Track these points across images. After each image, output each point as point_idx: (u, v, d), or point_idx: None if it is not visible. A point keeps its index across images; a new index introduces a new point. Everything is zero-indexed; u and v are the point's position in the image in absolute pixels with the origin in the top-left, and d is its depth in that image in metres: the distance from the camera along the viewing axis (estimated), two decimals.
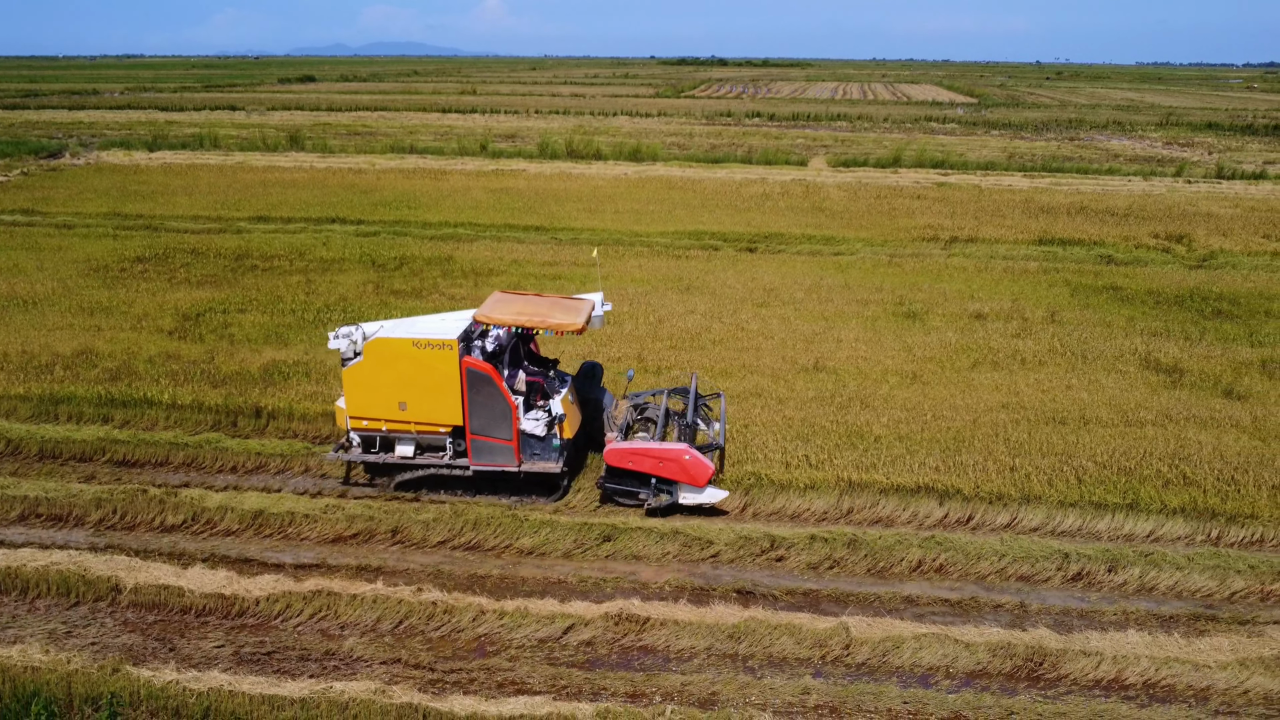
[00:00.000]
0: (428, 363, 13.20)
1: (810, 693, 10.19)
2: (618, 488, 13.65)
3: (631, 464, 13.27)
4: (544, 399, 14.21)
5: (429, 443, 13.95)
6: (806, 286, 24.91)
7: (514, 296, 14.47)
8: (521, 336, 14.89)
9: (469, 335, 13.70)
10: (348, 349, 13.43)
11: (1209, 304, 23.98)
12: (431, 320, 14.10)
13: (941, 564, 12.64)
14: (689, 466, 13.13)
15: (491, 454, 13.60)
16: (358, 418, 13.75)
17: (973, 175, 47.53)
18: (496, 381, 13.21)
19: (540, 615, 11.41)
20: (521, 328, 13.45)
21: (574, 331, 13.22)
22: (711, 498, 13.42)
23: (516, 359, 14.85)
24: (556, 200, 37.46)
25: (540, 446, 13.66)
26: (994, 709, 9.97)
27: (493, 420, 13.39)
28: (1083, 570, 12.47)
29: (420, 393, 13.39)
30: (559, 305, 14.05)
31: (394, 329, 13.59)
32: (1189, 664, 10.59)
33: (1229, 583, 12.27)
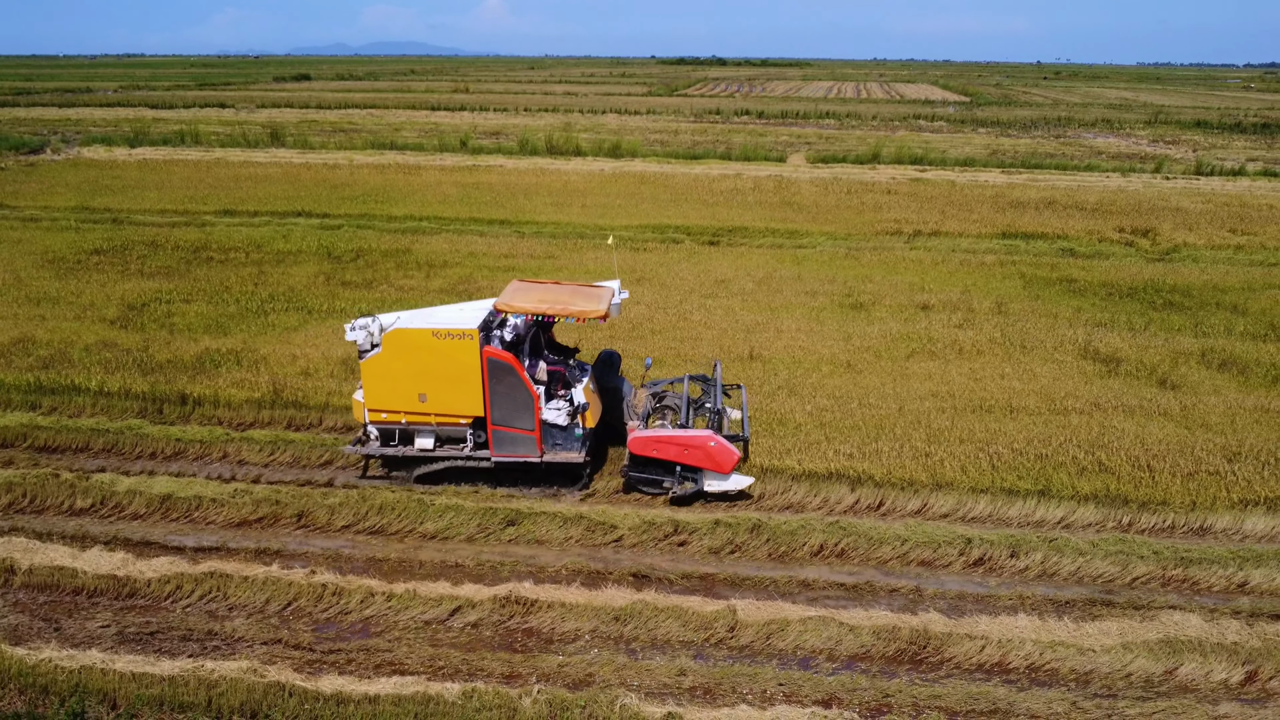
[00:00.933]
0: (448, 353, 12.94)
1: (686, 674, 10.12)
2: (642, 476, 13.47)
3: (656, 452, 13.09)
4: (565, 388, 14.02)
5: (449, 434, 13.70)
6: (759, 278, 24.83)
7: (533, 285, 14.22)
8: (541, 325, 14.68)
9: (488, 325, 13.46)
10: (365, 341, 13.15)
11: (1161, 296, 23.88)
12: (449, 310, 13.88)
13: (843, 549, 12.55)
14: (714, 453, 12.98)
15: (513, 445, 13.39)
16: (376, 410, 13.48)
17: (950, 171, 47.43)
18: (518, 371, 12.98)
19: (429, 598, 11.34)
20: (543, 316, 13.12)
21: (598, 319, 13.00)
22: (737, 484, 13.27)
23: (536, 348, 14.63)
24: (526, 195, 37.42)
25: (563, 436, 13.43)
26: (869, 691, 9.89)
27: (515, 411, 13.16)
28: (985, 555, 12.38)
29: (440, 384, 13.15)
30: (580, 293, 13.84)
31: (411, 320, 13.34)
32: (1074, 648, 10.50)
33: (1131, 568, 12.17)
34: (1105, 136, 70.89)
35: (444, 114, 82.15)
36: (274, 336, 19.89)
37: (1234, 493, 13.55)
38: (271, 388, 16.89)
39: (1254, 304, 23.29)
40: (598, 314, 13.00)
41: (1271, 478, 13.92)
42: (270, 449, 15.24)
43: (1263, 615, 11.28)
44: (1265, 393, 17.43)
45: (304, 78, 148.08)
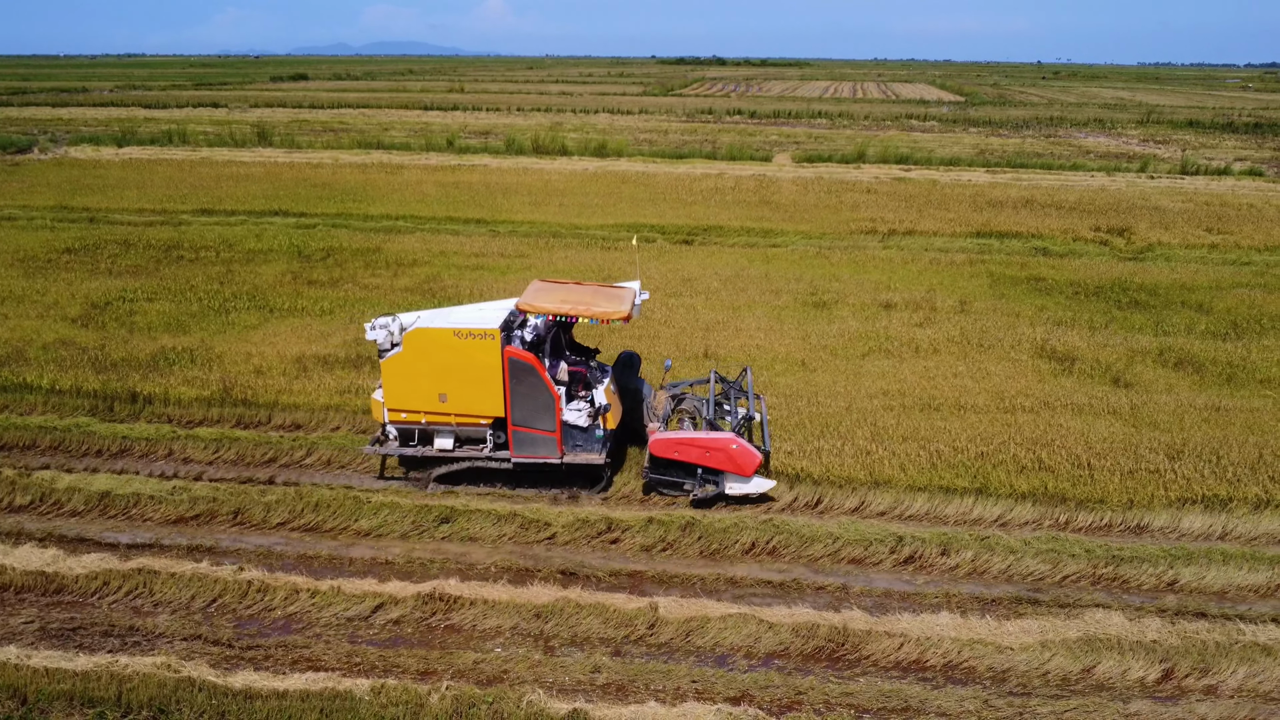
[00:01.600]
0: (469, 353, 12.83)
1: (601, 671, 10.11)
2: (662, 478, 13.37)
3: (677, 454, 12.98)
4: (586, 389, 13.91)
5: (468, 435, 13.59)
6: (726, 277, 24.82)
7: (554, 285, 14.09)
8: (563, 326, 14.58)
9: (509, 325, 13.37)
10: (385, 340, 13.05)
11: (1127, 294, 23.85)
12: (469, 310, 13.82)
13: (774, 546, 12.54)
14: (736, 456, 12.86)
15: (533, 446, 13.27)
16: (396, 410, 13.37)
17: (934, 171, 47.40)
18: (540, 372, 12.87)
19: (353, 594, 11.33)
20: (566, 316, 12.98)
21: (620, 320, 12.86)
22: (758, 487, 13.15)
23: (557, 349, 14.53)
24: (504, 194, 37.42)
25: (583, 438, 13.31)
26: (782, 688, 9.88)
27: (535, 411, 13.05)
28: (916, 553, 12.36)
29: (461, 383, 13.04)
30: (602, 293, 13.73)
31: (432, 319, 13.26)
32: (993, 646, 10.47)
33: (1062, 566, 12.15)
34: (1096, 136, 70.81)
35: (436, 114, 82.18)
36: (233, 335, 19.90)
37: (1172, 491, 13.52)
38: (222, 386, 16.90)
39: (1220, 303, 23.25)
40: (620, 315, 12.86)
41: (1211, 476, 13.89)
42: (215, 446, 15.24)
43: (1187, 613, 11.26)
44: (1218, 391, 17.40)
45: (301, 77, 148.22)
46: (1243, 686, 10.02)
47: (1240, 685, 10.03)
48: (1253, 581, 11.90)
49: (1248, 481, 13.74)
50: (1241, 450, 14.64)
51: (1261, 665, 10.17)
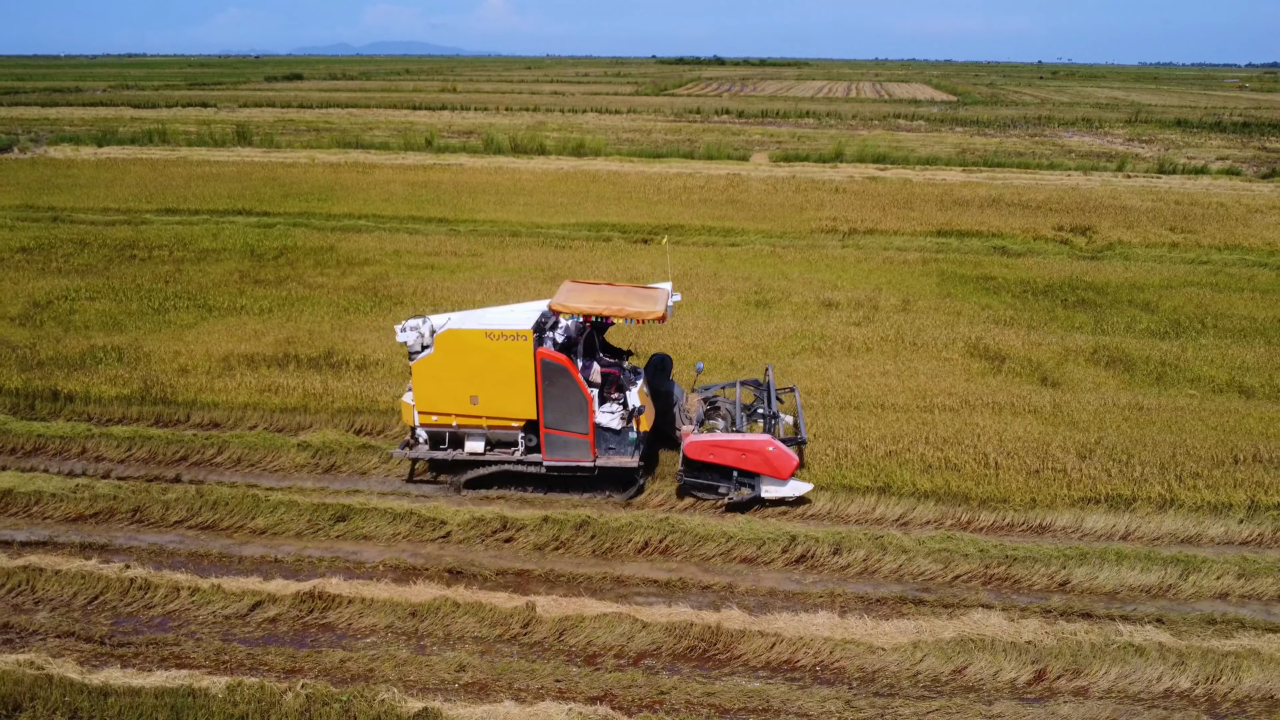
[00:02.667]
0: (501, 354, 12.63)
1: (466, 670, 10.05)
2: (696, 481, 13.17)
3: (713, 456, 12.78)
4: (619, 391, 13.70)
5: (499, 438, 13.37)
6: (674, 276, 24.72)
7: (587, 286, 13.95)
8: (597, 327, 14.38)
9: (542, 326, 13.17)
10: (415, 342, 12.90)
11: (1075, 293, 23.74)
12: (500, 311, 13.58)
13: (667, 546, 12.46)
14: (772, 458, 12.66)
15: (565, 449, 13.06)
16: (427, 413, 13.19)
17: (910, 170, 47.30)
18: (572, 373, 12.66)
19: (233, 593, 11.28)
20: (599, 317, 12.77)
21: (655, 320, 12.65)
22: (795, 490, 12.98)
23: (590, 350, 14.30)
24: (471, 193, 37.38)
25: (616, 441, 13.10)
26: (645, 688, 9.81)
27: (568, 414, 12.83)
28: (808, 552, 12.28)
29: (493, 386, 12.83)
30: (635, 294, 13.55)
31: (463, 320, 13.09)
32: (865, 646, 10.39)
33: (953, 566, 12.06)
34: (1081, 135, 70.64)
35: (424, 113, 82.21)
36: (167, 334, 19.86)
37: (1076, 491, 13.44)
38: (142, 384, 16.84)
39: (1167, 302, 23.15)
40: (655, 315, 12.64)
41: (1118, 476, 13.80)
42: (128, 445, 15.20)
43: (1072, 614, 11.18)
44: (1145, 391, 17.30)
45: (296, 77, 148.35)
46: (1113, 688, 9.93)
47: (1111, 686, 9.95)
48: (1145, 582, 11.81)
49: (1154, 481, 13.65)
50: (1154, 450, 14.55)
51: (1133, 666, 10.08)
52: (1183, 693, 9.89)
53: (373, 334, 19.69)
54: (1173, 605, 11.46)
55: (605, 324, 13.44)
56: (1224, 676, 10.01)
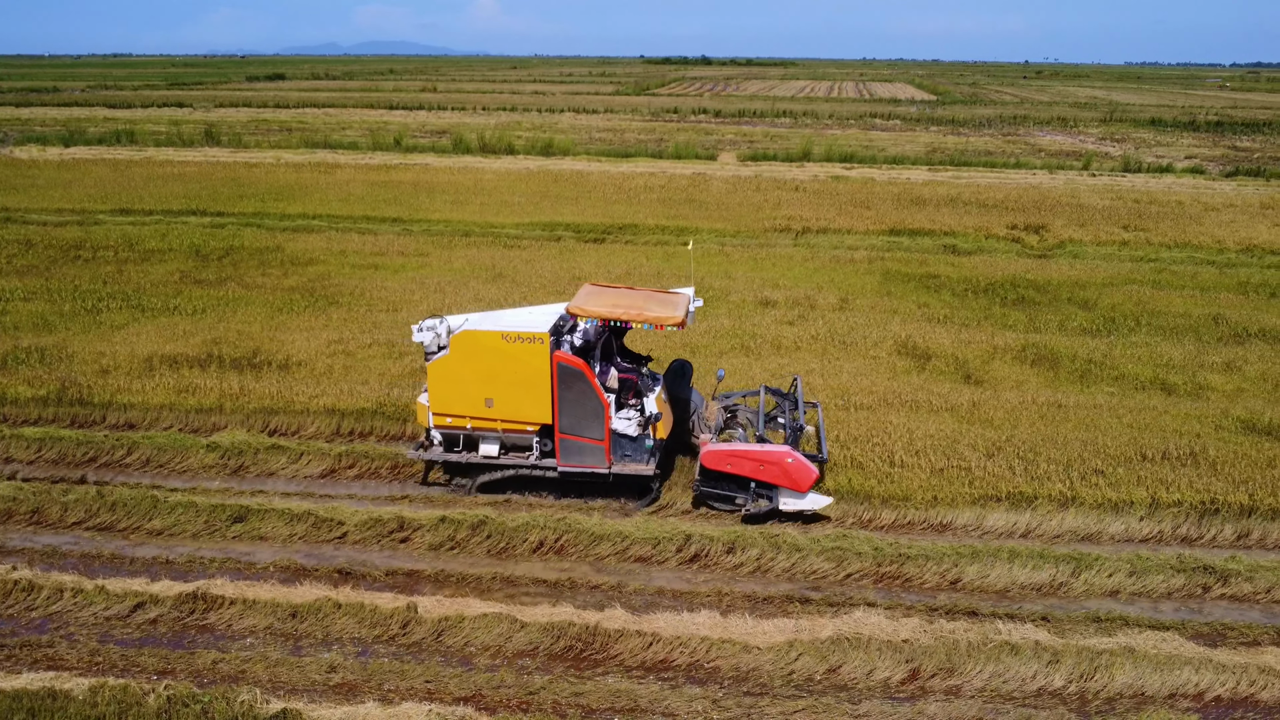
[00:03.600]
0: (518, 357, 12.47)
1: (337, 671, 9.99)
2: (713, 491, 12.90)
3: (730, 466, 12.53)
4: (636, 397, 13.44)
5: (514, 442, 13.19)
6: (616, 275, 24.69)
7: (606, 289, 13.74)
8: (615, 331, 14.14)
9: (559, 329, 12.97)
10: (432, 342, 12.76)
11: (1016, 291, 23.77)
12: (518, 313, 13.42)
13: (563, 545, 12.42)
14: (791, 470, 12.37)
15: (580, 455, 12.87)
16: (441, 414, 13.05)
17: (875, 169, 47.35)
18: (589, 378, 12.46)
19: (115, 594, 11.19)
20: (618, 321, 12.62)
21: (674, 326, 12.41)
22: (814, 504, 12.67)
23: (608, 354, 14.06)
24: (430, 193, 37.29)
25: (632, 447, 12.90)
26: (514, 688, 9.77)
27: (584, 419, 12.65)
28: (702, 551, 12.24)
29: (508, 388, 12.67)
30: (654, 298, 13.32)
31: (480, 322, 12.93)
32: (742, 645, 10.35)
33: (846, 565, 12.04)
34: (1054, 134, 70.82)
35: (401, 113, 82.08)
36: (95, 335, 19.75)
37: (978, 489, 13.43)
38: (59, 385, 16.73)
39: (1106, 299, 23.19)
40: (675, 320, 12.42)
41: (1022, 474, 13.81)
42: (39, 446, 15.09)
43: (958, 612, 11.16)
44: (1067, 388, 17.32)
45: (279, 77, 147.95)
46: (986, 687, 9.92)
47: (984, 685, 9.93)
48: (1036, 580, 11.81)
49: (1057, 479, 13.65)
50: (1063, 448, 14.55)
51: (1007, 665, 10.07)
52: (1055, 691, 9.88)
53: (302, 334, 19.62)
54: (1061, 603, 11.46)
55: (624, 328, 13.26)
56: (1098, 674, 10.00)
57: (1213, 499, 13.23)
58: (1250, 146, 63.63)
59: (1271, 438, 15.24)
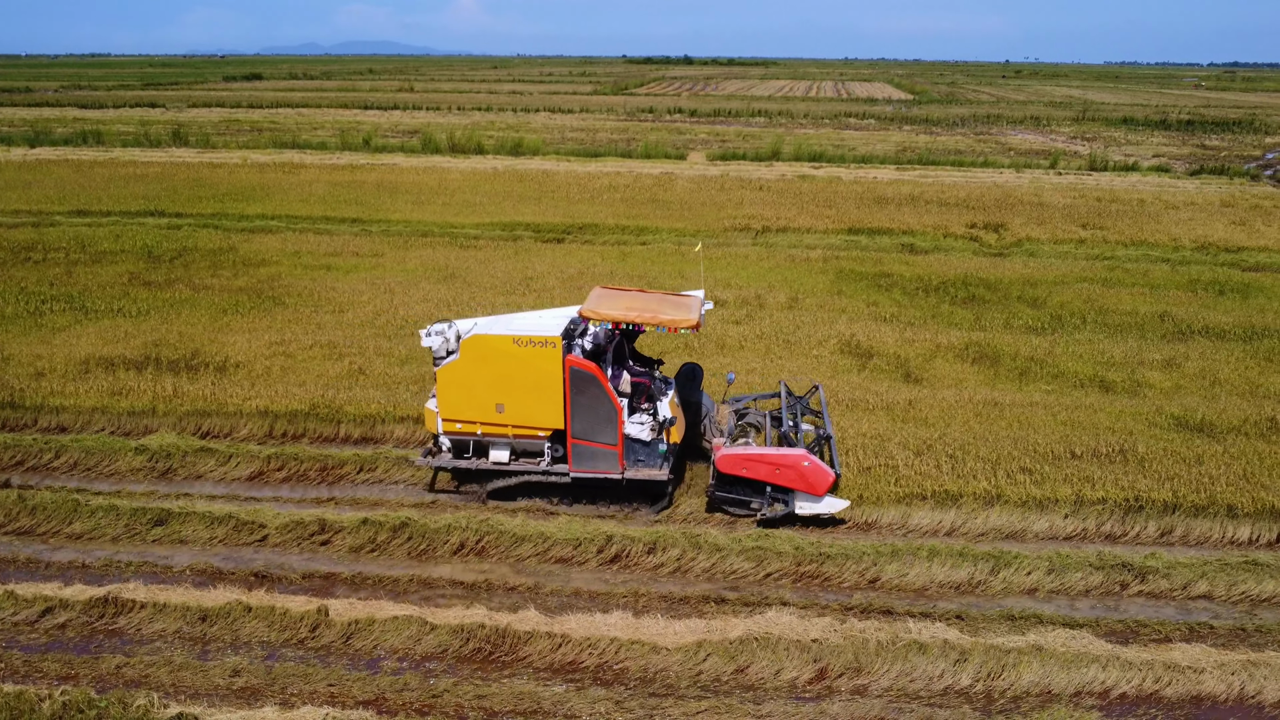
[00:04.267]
0: (529, 361, 12.29)
1: (240, 675, 9.92)
2: (728, 496, 12.79)
3: (745, 470, 12.41)
4: (648, 401, 13.28)
5: (524, 448, 13.00)
6: (569, 275, 24.64)
7: (618, 292, 13.58)
8: (626, 335, 13.91)
9: (570, 333, 12.80)
10: (440, 347, 12.63)
11: (968, 289, 23.82)
12: (528, 317, 13.27)
13: (484, 547, 12.37)
14: (808, 473, 12.27)
15: (593, 460, 12.70)
16: (451, 420, 12.83)
17: (843, 168, 47.45)
18: (602, 382, 12.31)
19: (25, 599, 11.08)
20: (631, 325, 12.50)
21: (689, 329, 12.35)
22: (830, 507, 12.56)
23: (620, 358, 13.81)
24: (393, 193, 37.13)
25: (645, 452, 12.72)
26: (418, 691, 9.72)
27: (596, 424, 12.49)
28: (623, 552, 12.22)
29: (520, 393, 12.47)
30: (667, 301, 13.22)
31: (490, 326, 12.77)
32: (651, 646, 10.32)
33: (765, 564, 12.03)
34: (1026, 133, 71.12)
35: (375, 113, 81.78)
36: (35, 337, 19.56)
37: (904, 487, 13.43)
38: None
39: (1056, 297, 23.28)
40: (689, 323, 12.36)
41: (950, 473, 13.82)
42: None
43: (872, 611, 11.16)
44: (1006, 386, 17.37)
45: (255, 77, 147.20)
46: (893, 686, 9.92)
47: (891, 685, 9.94)
48: (955, 578, 11.83)
49: (983, 477, 13.68)
50: (993, 446, 14.59)
51: (914, 664, 10.07)
52: (962, 690, 9.89)
53: (244, 335, 19.49)
54: (978, 602, 11.48)
55: (636, 332, 13.09)
56: (1005, 673, 10.03)
57: (1137, 496, 13.27)
58: (1219, 145, 64.06)
59: (1203, 434, 15.30)
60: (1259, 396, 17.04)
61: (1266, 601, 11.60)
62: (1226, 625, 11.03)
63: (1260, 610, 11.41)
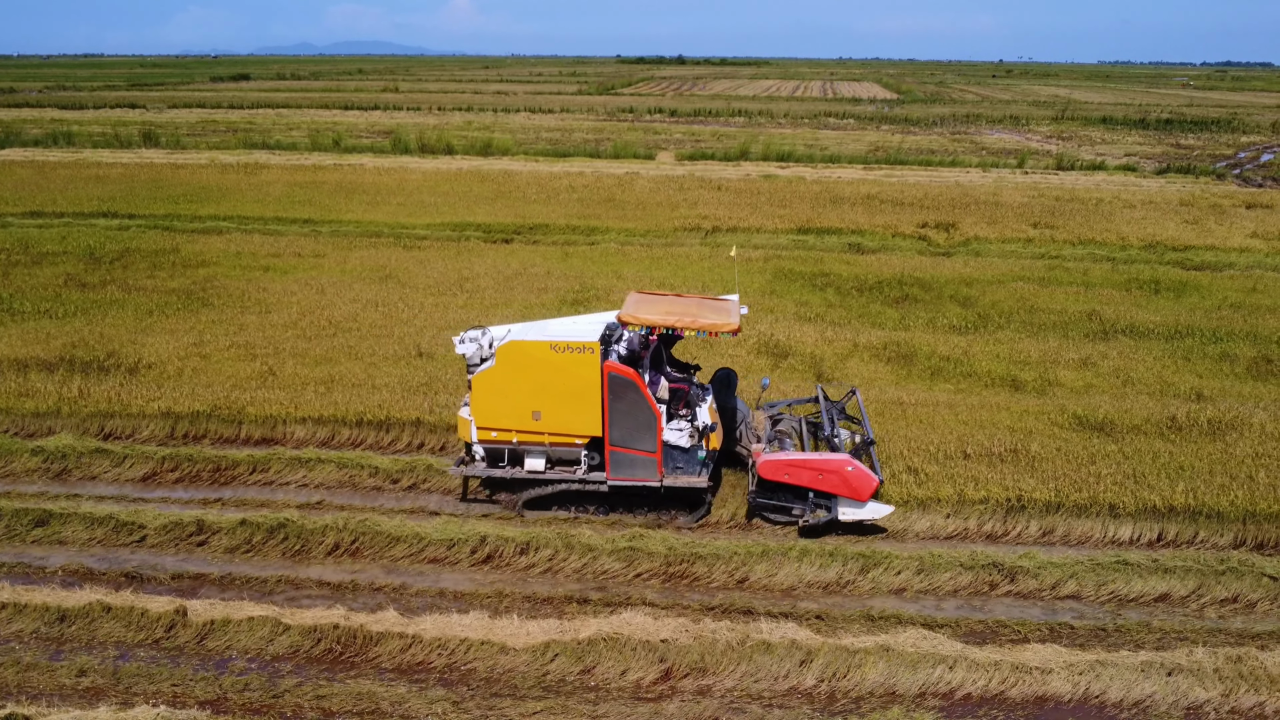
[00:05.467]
0: (567, 368, 12.07)
1: (86, 675, 9.95)
2: (769, 502, 12.64)
3: (788, 476, 12.24)
4: (687, 407, 13.14)
5: (560, 456, 12.80)
6: (507, 275, 24.67)
7: (655, 297, 13.42)
8: (664, 340, 13.71)
9: (608, 338, 12.63)
10: (474, 354, 12.43)
11: (902, 289, 23.83)
12: (564, 323, 13.18)
13: (359, 548, 12.41)
14: (851, 478, 12.08)
15: (632, 468, 12.50)
16: (486, 428, 12.56)
17: (809, 168, 47.52)
18: (641, 388, 12.11)
19: None
20: (670, 329, 12.30)
21: (729, 333, 12.22)
22: (874, 513, 12.35)
23: (657, 364, 13.65)
24: (350, 194, 37.14)
25: (684, 459, 12.53)
26: (259, 691, 9.74)
27: (635, 431, 12.29)
28: (495, 552, 12.24)
29: (557, 400, 12.24)
30: (707, 305, 13.05)
31: (525, 332, 12.60)
32: (500, 647, 10.34)
33: (636, 565, 12.06)
34: (1003, 133, 71.17)
35: (355, 113, 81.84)
36: None
37: None
38: None
39: (988, 296, 23.31)
40: (730, 328, 12.18)
41: None
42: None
43: (733, 611, 11.18)
44: (916, 385, 17.40)
45: (243, 78, 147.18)
46: (736, 687, 9.95)
47: (734, 685, 9.96)
48: (823, 578, 11.86)
49: None
50: (885, 445, 14.57)
51: (759, 664, 10.10)
52: (805, 690, 9.91)
53: (165, 337, 19.51)
54: (843, 601, 11.51)
55: (675, 337, 12.94)
56: (850, 673, 10.04)
57: (1020, 496, 13.28)
58: (1193, 144, 64.14)
59: (1101, 434, 15.32)
60: (1167, 395, 17.07)
61: (1134, 601, 11.61)
62: (1087, 625, 11.04)
63: (1126, 610, 11.43)
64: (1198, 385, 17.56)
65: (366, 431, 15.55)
